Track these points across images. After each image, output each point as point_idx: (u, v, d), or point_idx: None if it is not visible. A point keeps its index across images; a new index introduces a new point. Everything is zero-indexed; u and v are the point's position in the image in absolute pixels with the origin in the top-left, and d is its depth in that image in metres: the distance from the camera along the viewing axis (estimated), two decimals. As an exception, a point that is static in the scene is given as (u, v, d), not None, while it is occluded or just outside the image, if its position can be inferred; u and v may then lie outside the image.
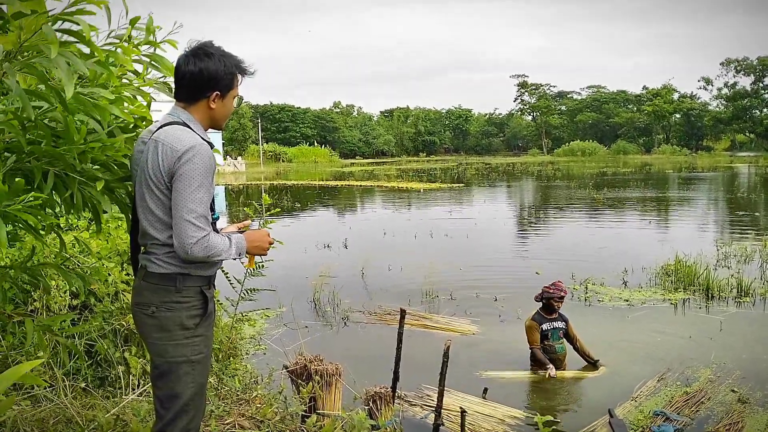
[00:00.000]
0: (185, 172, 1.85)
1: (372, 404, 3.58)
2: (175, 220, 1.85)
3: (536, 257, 9.77)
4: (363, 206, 20.51)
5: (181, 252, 1.86)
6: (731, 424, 3.84)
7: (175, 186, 1.86)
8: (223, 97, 2.02)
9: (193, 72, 1.95)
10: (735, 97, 69.65)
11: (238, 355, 4.61)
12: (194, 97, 1.99)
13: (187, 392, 1.97)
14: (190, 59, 1.95)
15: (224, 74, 1.98)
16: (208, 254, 1.87)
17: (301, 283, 7.84)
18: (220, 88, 1.99)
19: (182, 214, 1.84)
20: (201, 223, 1.85)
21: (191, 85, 1.97)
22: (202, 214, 1.86)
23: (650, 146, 72.34)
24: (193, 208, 1.85)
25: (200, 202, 1.86)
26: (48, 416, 2.93)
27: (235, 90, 2.05)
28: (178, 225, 1.84)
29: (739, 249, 9.66)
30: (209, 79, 1.96)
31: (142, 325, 1.99)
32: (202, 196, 1.87)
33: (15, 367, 0.98)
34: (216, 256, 1.90)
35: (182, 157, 1.86)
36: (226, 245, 1.92)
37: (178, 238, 1.85)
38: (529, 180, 32.12)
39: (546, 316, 4.94)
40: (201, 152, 1.88)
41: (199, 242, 1.84)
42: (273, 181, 33.81)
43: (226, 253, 1.93)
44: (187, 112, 2.00)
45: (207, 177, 1.89)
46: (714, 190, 23.88)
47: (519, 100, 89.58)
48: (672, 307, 6.72)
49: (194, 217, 1.84)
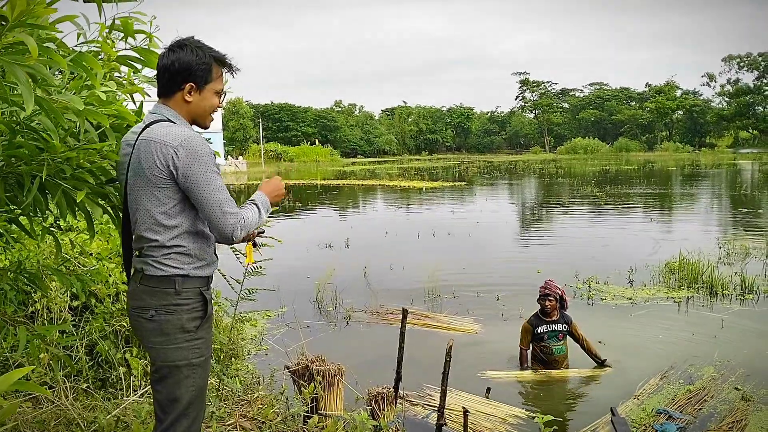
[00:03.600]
0: (193, 167, 1.85)
1: (374, 404, 3.56)
2: (210, 217, 1.88)
3: (539, 256, 9.75)
4: (365, 205, 20.49)
5: (225, 241, 1.93)
6: (734, 422, 3.83)
7: (189, 186, 1.86)
8: (200, 90, 1.97)
9: (167, 65, 1.93)
10: (738, 94, 69.42)
11: (239, 356, 4.60)
12: (170, 90, 1.96)
13: (188, 396, 1.95)
14: (165, 53, 1.94)
15: (197, 64, 1.93)
16: (248, 231, 1.95)
17: (302, 282, 7.83)
18: (194, 79, 1.94)
19: (214, 209, 1.87)
20: (232, 208, 1.90)
21: (166, 77, 1.95)
22: (227, 199, 1.89)
23: (653, 143, 72.14)
24: (220, 199, 1.87)
25: (221, 188, 1.89)
26: (49, 418, 2.93)
27: (215, 84, 2.00)
28: (215, 219, 1.87)
29: (742, 246, 9.62)
30: (182, 70, 1.92)
31: (140, 329, 1.96)
32: (219, 181, 1.90)
33: (8, 373, 0.97)
34: (252, 228, 1.98)
35: (179, 151, 1.84)
36: (256, 215, 1.99)
37: (219, 231, 1.89)
38: (532, 178, 32.06)
39: (542, 318, 4.90)
40: (197, 142, 1.87)
41: (239, 227, 1.90)
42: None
43: (259, 221, 2.01)
44: (170, 108, 1.97)
45: (213, 163, 1.91)
46: (717, 187, 23.81)
47: (521, 98, 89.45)
48: (675, 305, 6.69)
49: (226, 206, 1.88)
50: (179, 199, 1.90)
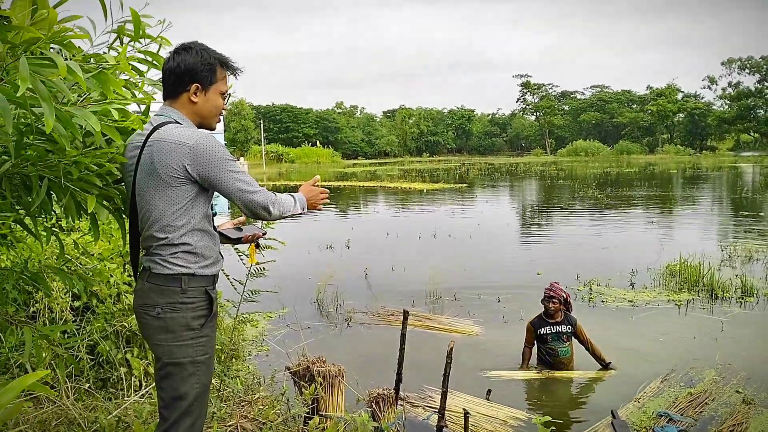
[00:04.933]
0: (211, 162, 1.91)
1: (375, 406, 3.56)
2: (242, 202, 1.96)
3: (540, 258, 9.74)
4: (366, 207, 20.49)
5: (262, 217, 2.01)
6: (735, 425, 3.82)
7: (211, 180, 1.93)
8: (205, 91, 2.03)
9: (172, 67, 1.99)
10: (739, 97, 69.40)
11: (240, 357, 4.60)
12: (176, 92, 2.02)
13: (192, 393, 1.98)
14: (171, 56, 2.00)
15: (202, 66, 2.00)
16: (281, 211, 2.03)
17: (304, 283, 7.83)
18: (199, 80, 2.01)
19: (242, 195, 1.95)
20: (257, 187, 1.98)
21: (172, 79, 2.00)
22: (251, 180, 1.98)
23: (654, 146, 72.08)
24: (244, 181, 1.95)
25: (242, 173, 1.96)
26: (50, 418, 2.93)
27: (219, 85, 2.06)
28: (246, 200, 1.95)
29: (743, 249, 9.62)
30: (187, 71, 1.99)
31: (146, 326, 1.99)
32: (237, 167, 1.97)
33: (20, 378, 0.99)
34: (287, 212, 2.05)
35: (195, 151, 1.89)
36: (292, 202, 2.08)
37: (253, 209, 1.97)
38: (533, 180, 32.06)
39: (546, 320, 4.90)
40: (208, 139, 1.93)
41: (271, 201, 1.98)
42: (275, 182, 33.81)
43: (294, 208, 2.08)
44: (176, 111, 2.02)
45: (227, 153, 1.96)
46: (718, 190, 23.80)
47: (522, 100, 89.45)
48: (676, 307, 6.69)
49: (251, 186, 1.96)
50: (190, 198, 1.95)
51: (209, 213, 2.03)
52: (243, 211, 2.02)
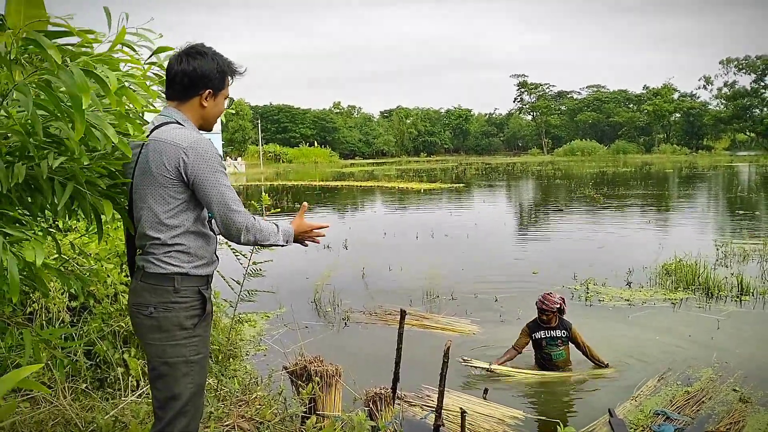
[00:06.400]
0: (202, 168, 1.90)
1: (372, 405, 3.56)
2: (219, 216, 1.92)
3: (536, 257, 9.76)
4: (363, 206, 20.49)
5: (232, 239, 1.96)
6: (732, 423, 3.84)
7: (198, 185, 1.91)
8: (215, 96, 2.06)
9: (186, 70, 1.98)
10: (735, 96, 69.65)
11: (237, 356, 4.60)
12: (187, 95, 2.02)
13: (186, 393, 1.97)
14: (183, 58, 1.99)
15: (216, 73, 2.03)
16: (257, 237, 1.96)
17: (301, 283, 7.84)
18: (212, 86, 2.03)
19: (222, 207, 1.91)
20: (240, 207, 1.94)
21: (184, 83, 2.00)
22: (235, 198, 1.94)
23: (650, 146, 72.31)
24: (228, 197, 1.92)
25: (228, 188, 1.94)
26: (47, 418, 2.93)
27: (226, 90, 2.10)
28: (224, 217, 1.92)
29: (738, 248, 9.65)
30: (202, 77, 2.00)
31: (139, 326, 1.99)
32: (226, 181, 1.95)
33: (14, 371, 0.98)
34: (264, 240, 1.99)
35: (189, 153, 1.89)
36: (273, 230, 2.01)
37: (227, 228, 1.93)
38: (529, 180, 32.10)
39: (541, 324, 4.91)
40: (205, 144, 1.93)
41: (247, 225, 1.93)
42: (273, 182, 33.80)
43: (274, 237, 2.01)
44: (179, 112, 2.02)
45: (220, 164, 1.95)
46: (714, 189, 23.87)
47: (519, 100, 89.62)
48: (672, 306, 6.71)
49: (234, 204, 1.92)
50: (183, 200, 1.94)
51: (205, 215, 2.03)
52: (217, 226, 1.97)
